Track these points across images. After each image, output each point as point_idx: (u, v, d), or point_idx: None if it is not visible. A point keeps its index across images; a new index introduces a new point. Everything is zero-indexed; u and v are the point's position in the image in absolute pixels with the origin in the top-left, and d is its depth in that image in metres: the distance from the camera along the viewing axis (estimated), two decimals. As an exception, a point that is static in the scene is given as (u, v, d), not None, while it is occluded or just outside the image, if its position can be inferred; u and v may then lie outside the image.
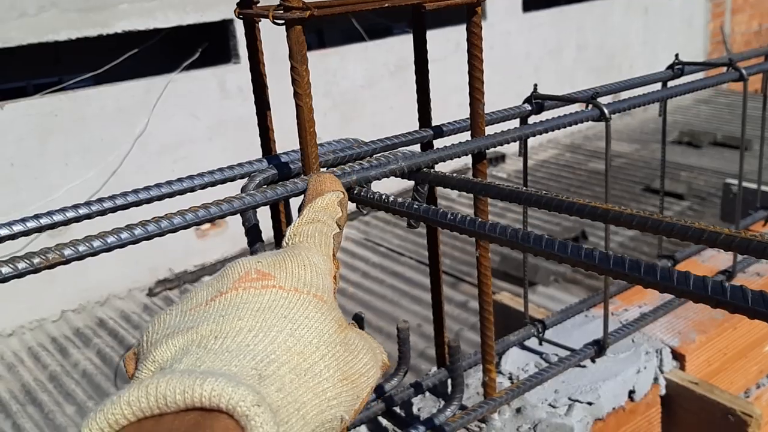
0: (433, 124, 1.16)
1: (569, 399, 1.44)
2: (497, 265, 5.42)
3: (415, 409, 1.42)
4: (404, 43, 7.42)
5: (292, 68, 0.83)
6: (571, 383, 1.48)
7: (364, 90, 7.25)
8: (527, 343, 1.61)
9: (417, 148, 1.16)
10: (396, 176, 0.99)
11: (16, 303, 5.27)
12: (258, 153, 1.17)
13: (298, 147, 0.94)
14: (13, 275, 0.64)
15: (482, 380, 1.33)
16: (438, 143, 1.11)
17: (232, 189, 0.94)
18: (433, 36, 8.00)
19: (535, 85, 1.34)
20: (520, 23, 8.25)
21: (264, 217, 1.05)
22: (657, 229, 0.73)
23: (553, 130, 1.18)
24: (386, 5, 0.92)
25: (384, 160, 1.00)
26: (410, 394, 1.38)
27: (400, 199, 0.93)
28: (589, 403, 1.44)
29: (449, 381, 1.37)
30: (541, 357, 1.57)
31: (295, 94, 0.84)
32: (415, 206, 0.91)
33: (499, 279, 5.28)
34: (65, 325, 5.55)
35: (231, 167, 0.95)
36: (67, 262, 0.68)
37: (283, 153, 1.02)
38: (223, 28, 6.27)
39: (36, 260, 0.66)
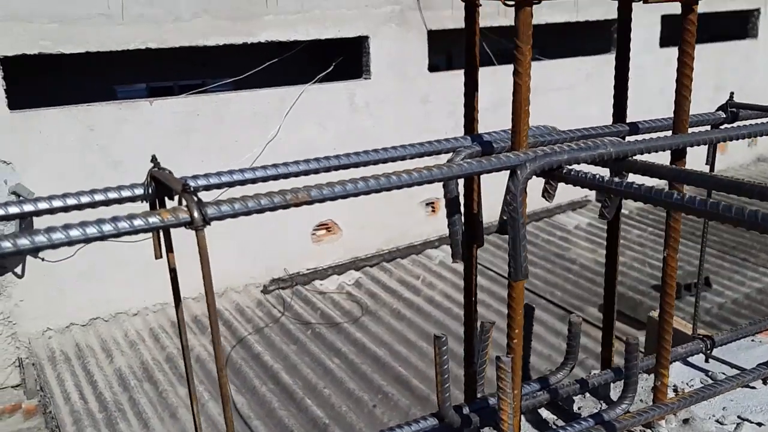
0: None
1: (738, 417, 1.44)
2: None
3: (575, 407, 1.45)
4: (535, 70, 7.37)
5: (517, 48, 0.91)
6: (740, 402, 1.48)
7: (488, 113, 7.26)
8: (692, 358, 1.62)
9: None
10: (602, 161, 1.02)
11: (144, 286, 5.65)
12: (384, 168, 1.28)
13: (499, 129, 1.02)
14: (269, 207, 0.80)
15: (653, 384, 1.35)
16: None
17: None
18: (563, 65, 7.95)
19: (732, 93, 1.34)
20: (656, 58, 8.04)
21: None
22: None
23: (758, 136, 1.17)
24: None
25: (592, 144, 1.03)
26: (575, 390, 1.40)
27: (614, 179, 0.96)
28: (759, 424, 1.43)
29: (613, 383, 1.39)
30: (707, 374, 1.58)
31: (515, 73, 0.93)
32: (635, 186, 0.93)
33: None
34: (185, 311, 5.89)
35: (438, 141, 1.07)
36: (311, 202, 0.83)
37: (486, 133, 1.12)
38: (358, 43, 6.50)
39: (288, 196, 0.81)
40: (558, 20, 7.44)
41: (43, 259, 5.27)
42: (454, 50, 8.21)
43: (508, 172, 1.05)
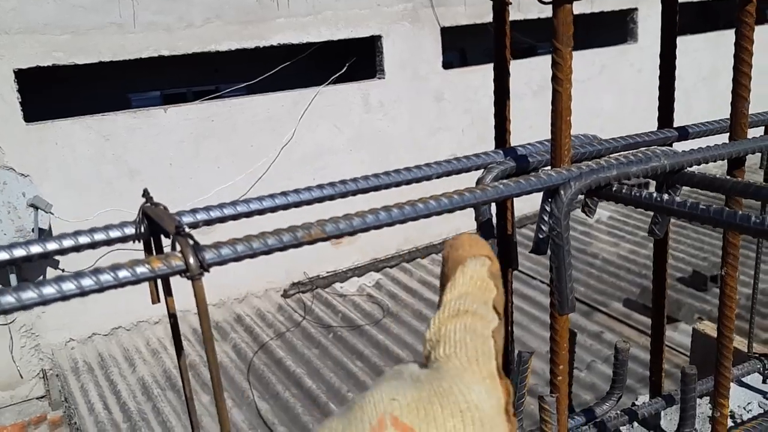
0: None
1: None
2: (636, 297, 5.20)
3: (624, 439, 1.32)
4: (548, 62, 7.30)
5: (556, 50, 0.80)
6: None
7: (503, 109, 7.21)
8: (750, 380, 1.49)
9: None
10: (656, 174, 0.90)
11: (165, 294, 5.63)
12: (395, 165, 1.18)
13: (533, 141, 0.91)
14: (278, 247, 0.71)
15: (711, 415, 1.23)
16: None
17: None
18: (576, 57, 7.83)
19: None
20: (672, 47, 7.93)
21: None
22: None
23: None
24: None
25: (642, 156, 0.91)
26: (623, 422, 1.28)
27: (665, 197, 0.85)
28: None
29: (663, 412, 1.26)
30: (765, 396, 1.45)
31: (554, 79, 0.82)
32: (701, 207, 0.82)
33: (638, 311, 5.06)
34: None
35: (467, 157, 0.91)
36: (327, 238, 0.74)
37: (520, 146, 0.99)
38: (371, 43, 6.46)
39: (300, 234, 0.72)
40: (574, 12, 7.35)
41: (63, 270, 5.27)
42: (468, 47, 8.14)
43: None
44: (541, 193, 0.91)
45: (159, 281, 0.92)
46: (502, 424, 0.43)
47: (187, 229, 0.74)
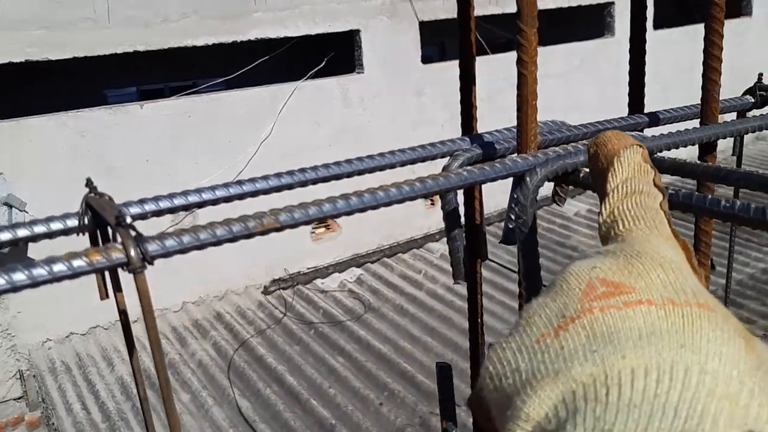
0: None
1: None
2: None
3: None
4: (527, 57, 7.32)
5: (520, 32, 0.74)
6: None
7: (483, 103, 7.17)
8: None
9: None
10: None
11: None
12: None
13: (501, 127, 0.88)
14: (227, 238, 0.66)
15: None
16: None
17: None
18: (556, 51, 7.87)
19: (760, 75, 1.21)
20: (650, 41, 7.95)
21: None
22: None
23: None
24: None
25: None
26: None
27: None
28: None
29: None
30: None
31: (519, 62, 0.76)
32: (671, 191, 0.78)
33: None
34: (185, 315, 5.83)
35: (432, 144, 0.89)
36: (281, 228, 0.69)
37: (487, 132, 0.95)
38: (350, 38, 6.42)
39: (251, 224, 0.66)
40: (550, 6, 7.36)
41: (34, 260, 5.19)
42: (447, 41, 8.13)
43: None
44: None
45: (107, 275, 0.87)
46: (694, 273, 0.47)
47: (129, 220, 0.70)
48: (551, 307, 0.46)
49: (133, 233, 0.69)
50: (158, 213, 0.76)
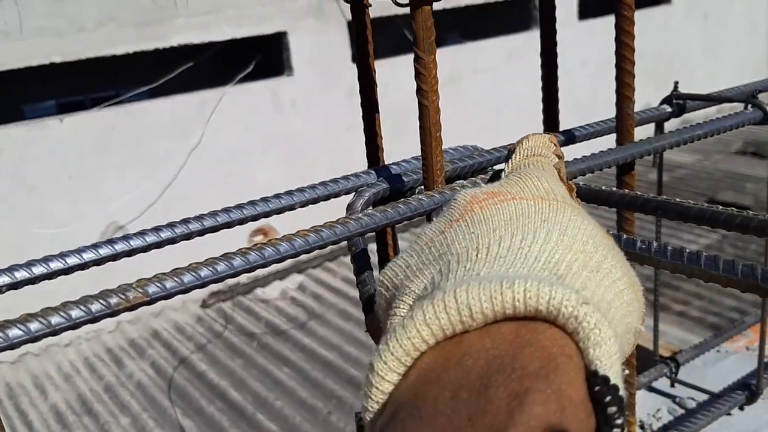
0: (487, 135, 0.99)
1: None
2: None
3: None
4: (457, 53, 7.33)
5: (417, 59, 0.69)
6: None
7: (414, 101, 7.18)
8: (656, 384, 1.42)
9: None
10: None
11: (74, 314, 5.34)
12: (315, 168, 1.09)
13: (410, 157, 0.81)
14: (85, 320, 0.54)
15: None
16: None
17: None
18: (484, 46, 7.90)
19: (676, 83, 1.15)
20: (576, 32, 8.08)
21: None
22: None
23: (713, 135, 0.98)
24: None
25: None
26: None
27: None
28: None
29: None
30: (675, 401, 1.38)
31: (419, 91, 0.71)
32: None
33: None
34: (120, 336, 5.60)
35: (335, 181, 0.81)
36: (151, 302, 0.57)
37: (394, 163, 0.88)
38: (277, 40, 6.29)
39: (113, 300, 0.54)
40: (477, 2, 7.38)
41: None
42: (376, 40, 8.07)
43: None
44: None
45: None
46: (563, 185, 0.54)
47: None
48: (441, 220, 0.49)
49: None
50: (15, 286, 0.63)
